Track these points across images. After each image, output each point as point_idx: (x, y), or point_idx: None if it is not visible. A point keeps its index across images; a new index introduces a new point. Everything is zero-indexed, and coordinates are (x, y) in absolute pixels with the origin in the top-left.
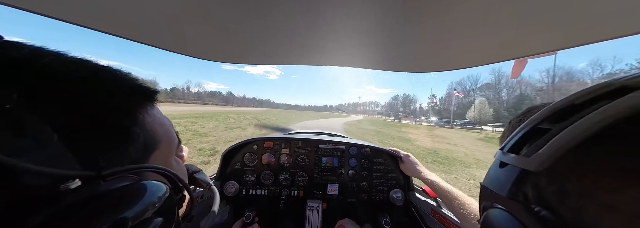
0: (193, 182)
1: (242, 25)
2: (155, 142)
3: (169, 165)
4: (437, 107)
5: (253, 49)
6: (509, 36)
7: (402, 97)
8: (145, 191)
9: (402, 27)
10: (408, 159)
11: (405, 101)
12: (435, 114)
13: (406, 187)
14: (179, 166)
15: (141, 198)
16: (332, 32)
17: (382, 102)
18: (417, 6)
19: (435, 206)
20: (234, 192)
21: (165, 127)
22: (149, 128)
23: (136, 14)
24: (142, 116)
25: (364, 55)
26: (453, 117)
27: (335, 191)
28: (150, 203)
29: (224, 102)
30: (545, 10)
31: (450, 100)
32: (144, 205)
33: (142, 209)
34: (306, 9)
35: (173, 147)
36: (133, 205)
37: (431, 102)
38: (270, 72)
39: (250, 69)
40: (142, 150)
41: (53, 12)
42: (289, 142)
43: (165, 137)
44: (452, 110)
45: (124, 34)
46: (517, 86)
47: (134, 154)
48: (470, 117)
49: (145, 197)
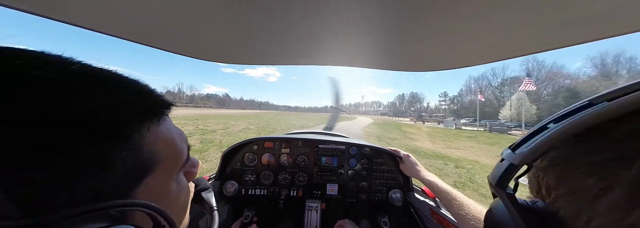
0: (197, 200)
1: (245, 27)
2: (152, 164)
3: (166, 189)
4: (454, 106)
5: (255, 50)
6: (509, 35)
7: (409, 95)
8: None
9: (404, 26)
10: (408, 159)
11: (412, 100)
12: (452, 113)
13: (405, 188)
14: (179, 188)
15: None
16: (336, 32)
17: (385, 101)
18: (419, 5)
19: (434, 206)
20: (233, 191)
21: (169, 144)
22: (146, 149)
23: (141, 16)
24: (139, 136)
25: (367, 55)
26: (479, 116)
27: (335, 191)
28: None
29: (219, 105)
30: (545, 9)
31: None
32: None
33: None
34: (309, 10)
35: (178, 165)
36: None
37: (443, 101)
38: (269, 74)
39: (250, 72)
40: (130, 175)
41: (53, 13)
42: (289, 142)
43: (169, 155)
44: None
45: (130, 36)
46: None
47: (115, 183)
48: (507, 116)
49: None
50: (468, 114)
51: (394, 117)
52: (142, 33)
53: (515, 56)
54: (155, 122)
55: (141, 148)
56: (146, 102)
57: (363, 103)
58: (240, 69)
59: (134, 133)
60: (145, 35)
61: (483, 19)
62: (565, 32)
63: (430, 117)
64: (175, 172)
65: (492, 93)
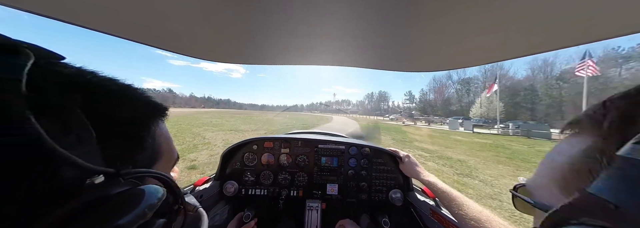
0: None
1: (238, 26)
2: (159, 154)
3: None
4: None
5: (250, 49)
6: (507, 35)
7: (378, 94)
8: (145, 194)
9: (400, 26)
10: (408, 160)
11: (380, 99)
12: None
13: (405, 187)
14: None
15: (142, 201)
16: (331, 32)
17: (354, 100)
18: (416, 6)
19: (435, 206)
20: (233, 191)
21: (168, 142)
22: (157, 141)
23: (135, 14)
24: (154, 128)
25: (362, 55)
26: (432, 113)
27: (335, 191)
28: (148, 206)
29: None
30: (544, 9)
31: (434, 96)
32: (143, 207)
33: (140, 213)
34: (304, 11)
35: (172, 163)
36: (132, 208)
37: (407, 100)
38: (232, 70)
39: (207, 66)
40: (148, 158)
41: (53, 12)
42: (289, 142)
43: (167, 152)
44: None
45: (130, 35)
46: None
47: (141, 162)
48: (477, 114)
49: (147, 198)
50: (436, 112)
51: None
52: (142, 32)
53: (513, 57)
54: (160, 119)
55: (155, 139)
56: (154, 103)
57: (334, 101)
58: (195, 62)
59: (152, 127)
60: (145, 34)
61: (482, 19)
62: (555, 34)
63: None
64: (170, 168)
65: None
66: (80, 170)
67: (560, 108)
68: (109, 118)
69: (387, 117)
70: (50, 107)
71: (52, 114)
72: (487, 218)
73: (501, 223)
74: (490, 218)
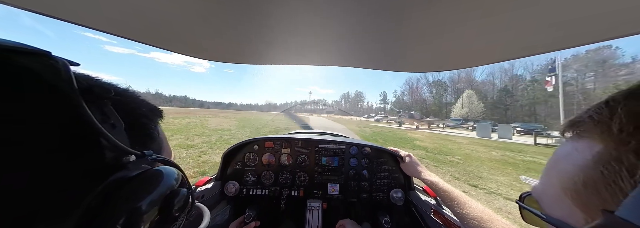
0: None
1: (237, 26)
2: (162, 148)
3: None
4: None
5: (248, 49)
6: (507, 36)
7: (354, 94)
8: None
9: (400, 27)
10: (409, 159)
11: (356, 99)
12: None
13: (407, 187)
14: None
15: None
16: (331, 32)
17: (330, 100)
18: (414, 5)
19: (436, 205)
20: (234, 191)
21: (166, 140)
22: (161, 137)
23: (135, 14)
24: (158, 126)
25: (362, 55)
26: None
27: (336, 191)
28: (175, 179)
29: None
30: (544, 10)
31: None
32: (172, 179)
33: (170, 184)
34: (303, 9)
35: (170, 158)
36: (167, 179)
37: (382, 100)
38: (194, 63)
39: (161, 57)
40: (156, 150)
41: (53, 12)
42: (290, 142)
43: (167, 147)
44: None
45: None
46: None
47: (152, 150)
48: (459, 114)
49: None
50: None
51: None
52: (142, 32)
53: (513, 58)
54: (161, 120)
55: (159, 135)
56: (154, 105)
57: (309, 101)
58: (144, 51)
59: (157, 124)
60: (145, 34)
61: (480, 20)
62: (551, 36)
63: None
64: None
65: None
66: (118, 149)
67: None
68: (130, 113)
69: (371, 118)
70: (94, 100)
71: (95, 105)
72: (490, 217)
73: (504, 223)
74: (492, 217)
